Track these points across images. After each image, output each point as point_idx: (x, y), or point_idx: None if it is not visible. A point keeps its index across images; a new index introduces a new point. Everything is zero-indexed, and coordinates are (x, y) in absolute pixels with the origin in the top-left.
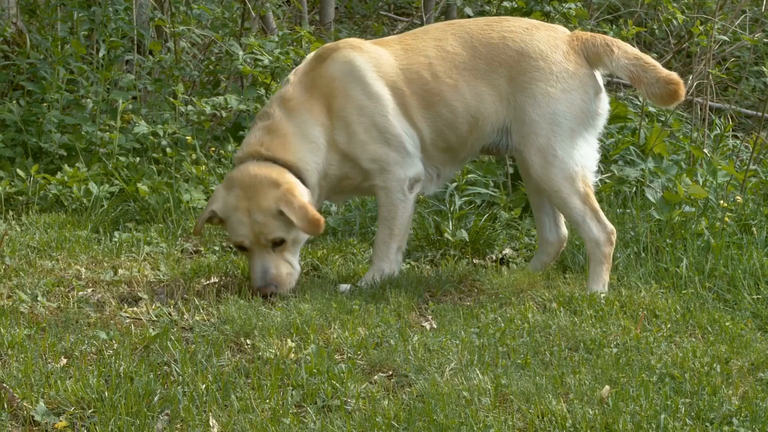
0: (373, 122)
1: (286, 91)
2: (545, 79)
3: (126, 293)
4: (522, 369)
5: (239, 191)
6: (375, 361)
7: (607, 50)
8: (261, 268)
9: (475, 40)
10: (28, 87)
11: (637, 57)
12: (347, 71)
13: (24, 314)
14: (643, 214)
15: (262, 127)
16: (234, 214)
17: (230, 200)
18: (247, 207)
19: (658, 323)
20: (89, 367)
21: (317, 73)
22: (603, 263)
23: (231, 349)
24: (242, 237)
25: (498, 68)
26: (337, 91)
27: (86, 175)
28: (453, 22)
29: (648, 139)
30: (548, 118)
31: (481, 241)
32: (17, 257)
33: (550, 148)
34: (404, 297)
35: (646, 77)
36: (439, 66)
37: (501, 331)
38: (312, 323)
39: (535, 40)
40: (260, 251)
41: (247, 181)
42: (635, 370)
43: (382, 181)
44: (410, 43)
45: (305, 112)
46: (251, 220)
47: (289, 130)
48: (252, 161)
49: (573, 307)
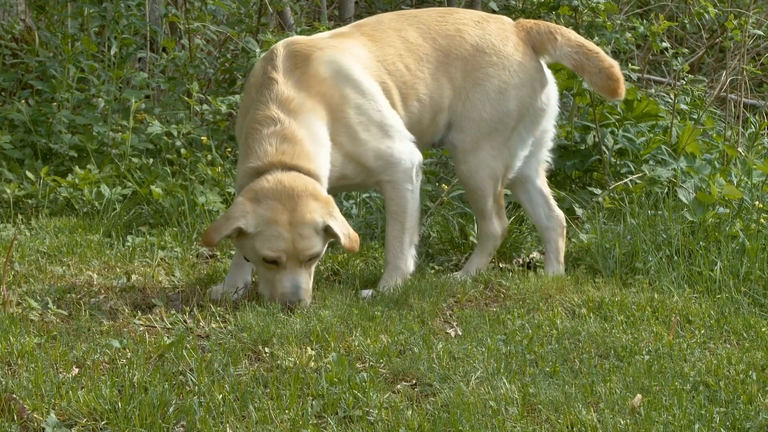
0: (371, 119)
1: (281, 92)
2: (498, 76)
3: (139, 300)
4: (550, 377)
5: (275, 204)
6: (398, 369)
7: (551, 38)
8: (293, 282)
9: (434, 32)
10: (38, 86)
11: (580, 44)
12: (336, 71)
13: (34, 322)
14: (676, 216)
15: (273, 134)
16: (270, 228)
17: (264, 213)
18: (289, 220)
19: (692, 329)
20: (102, 376)
21: (306, 73)
22: (489, 254)
23: (249, 357)
24: (279, 252)
25: (455, 62)
26: (332, 93)
27: (98, 178)
28: (404, 12)
29: (680, 138)
30: (497, 117)
31: (507, 244)
32: (27, 263)
33: (489, 148)
34: (428, 303)
35: (590, 65)
36: (409, 58)
37: (528, 338)
38: (333, 330)
39: (488, 33)
40: (292, 265)
41: (284, 193)
42: (668, 378)
43: (389, 175)
44: (373, 34)
45: (309, 113)
46: (294, 234)
47: (303, 135)
48: (278, 171)
49: (603, 313)
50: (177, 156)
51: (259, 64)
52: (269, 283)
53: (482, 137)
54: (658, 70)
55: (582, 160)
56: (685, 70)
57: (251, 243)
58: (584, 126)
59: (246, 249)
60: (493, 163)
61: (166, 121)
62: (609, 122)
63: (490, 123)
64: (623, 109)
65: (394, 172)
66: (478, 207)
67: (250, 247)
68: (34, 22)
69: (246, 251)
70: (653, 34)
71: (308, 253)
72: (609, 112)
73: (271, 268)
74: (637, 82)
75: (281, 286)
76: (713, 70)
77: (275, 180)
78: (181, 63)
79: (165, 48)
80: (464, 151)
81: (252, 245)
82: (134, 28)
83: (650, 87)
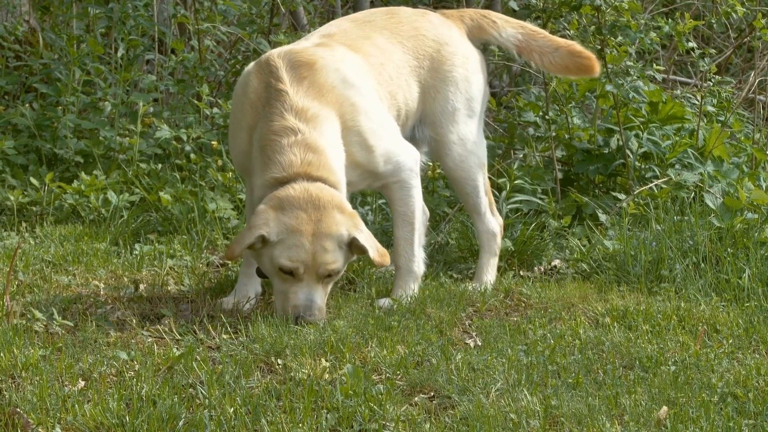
0: (380, 123)
1: (294, 102)
2: (461, 64)
3: (148, 310)
4: (573, 389)
5: (300, 213)
6: (415, 381)
7: (489, 22)
8: (307, 296)
9: (397, 35)
10: (42, 89)
11: (521, 25)
12: (342, 79)
13: (39, 333)
14: (702, 222)
15: (295, 143)
16: (292, 237)
17: (288, 222)
18: (313, 231)
19: (719, 339)
20: (109, 390)
21: (314, 82)
22: (496, 255)
23: (261, 369)
24: (298, 263)
25: (423, 61)
26: (342, 101)
27: (104, 184)
28: (355, 18)
29: (707, 141)
30: (466, 104)
31: (528, 251)
32: (31, 272)
33: (469, 134)
34: (446, 312)
35: (538, 45)
36: (389, 66)
37: (550, 348)
38: (348, 341)
39: (437, 26)
40: (310, 279)
41: (310, 203)
42: (695, 389)
43: (395, 176)
44: (351, 44)
45: (326, 122)
46: (316, 246)
47: (324, 144)
48: (303, 182)
49: (628, 322)
50: (186, 161)
51: (256, 79)
52: (282, 296)
53: (460, 127)
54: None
55: (605, 164)
56: (712, 71)
57: (270, 251)
58: (608, 129)
59: (263, 259)
60: (477, 150)
61: (175, 125)
62: (633, 125)
63: (464, 112)
64: (648, 112)
65: (400, 172)
66: (472, 201)
67: (268, 256)
68: (38, 23)
69: (263, 261)
70: (679, 34)
71: (328, 267)
72: (633, 114)
73: (287, 279)
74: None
75: (294, 297)
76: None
77: (302, 189)
78: (191, 65)
79: (174, 49)
80: (446, 144)
81: (270, 254)
82: (142, 29)
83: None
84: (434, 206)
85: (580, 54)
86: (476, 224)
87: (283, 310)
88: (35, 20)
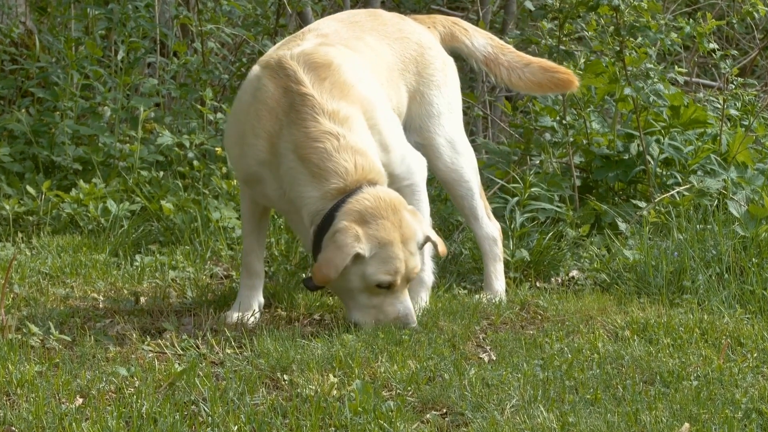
0: (396, 123)
1: (322, 105)
2: (442, 68)
3: (149, 324)
4: (591, 405)
5: (384, 222)
6: (427, 397)
7: (461, 30)
8: (404, 305)
9: (384, 37)
10: (39, 94)
11: (491, 37)
12: (360, 78)
13: (35, 349)
14: (726, 230)
15: (341, 148)
16: (385, 250)
17: (378, 234)
18: (401, 238)
19: (744, 352)
20: (108, 407)
21: (336, 83)
22: (500, 260)
23: (266, 385)
24: (396, 274)
25: (409, 65)
26: (362, 99)
27: (104, 192)
28: (339, 18)
29: (730, 147)
30: (449, 107)
31: (544, 262)
32: (27, 285)
33: (456, 136)
34: (459, 325)
35: (507, 60)
36: (383, 68)
37: (568, 362)
38: (357, 356)
39: (416, 29)
40: (402, 287)
41: (388, 210)
42: (718, 405)
43: (408, 179)
44: (346, 44)
45: (357, 122)
46: (406, 253)
47: (366, 145)
48: (368, 187)
49: (648, 336)
50: (189, 169)
51: (270, 83)
52: (374, 310)
53: (446, 129)
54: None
55: (625, 170)
56: (734, 73)
57: (362, 269)
58: (627, 134)
59: (351, 277)
60: (466, 152)
61: (178, 131)
62: (654, 130)
63: (448, 115)
64: (669, 116)
65: (413, 175)
66: (468, 204)
67: (359, 274)
68: (35, 25)
69: (350, 279)
70: (700, 35)
71: (415, 271)
72: (654, 118)
73: (380, 293)
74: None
75: (393, 310)
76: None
77: (374, 197)
78: (194, 68)
79: (176, 52)
80: (435, 148)
81: (363, 271)
82: (143, 30)
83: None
84: (447, 215)
85: (555, 69)
86: (475, 230)
87: (379, 323)
88: (32, 22)
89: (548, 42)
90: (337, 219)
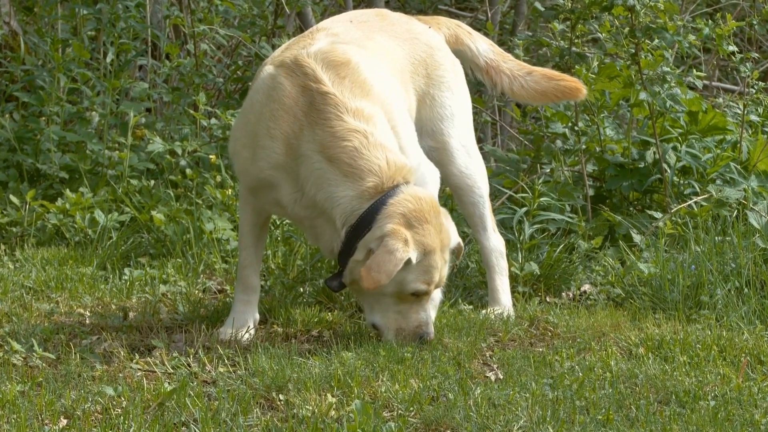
0: (412, 128)
1: (345, 103)
2: (452, 70)
3: (137, 341)
4: (603, 426)
5: (428, 227)
6: (430, 418)
7: (465, 33)
8: (428, 315)
9: (394, 38)
10: (23, 98)
11: (492, 44)
12: (378, 77)
13: (17, 367)
14: (746, 243)
15: (370, 145)
16: (428, 258)
17: (423, 240)
18: (440, 245)
19: (764, 371)
20: (93, 429)
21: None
22: (506, 274)
23: (261, 405)
24: (431, 284)
25: (419, 67)
26: (382, 98)
27: (91, 202)
28: (348, 18)
29: (751, 154)
30: (461, 110)
31: (555, 275)
32: (9, 300)
33: (468, 141)
34: (465, 342)
35: (509, 67)
36: (396, 67)
37: (579, 382)
38: (356, 375)
39: (424, 30)
40: (429, 297)
41: (431, 213)
42: (736, 426)
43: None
44: (358, 44)
45: (381, 119)
46: (442, 260)
47: (392, 144)
48: (404, 186)
49: (663, 353)
50: (182, 177)
51: (287, 82)
52: (398, 315)
53: (460, 132)
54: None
55: (640, 179)
56: (755, 77)
57: (402, 275)
58: (643, 141)
59: None
60: (478, 157)
61: (170, 138)
62: (671, 137)
63: (460, 118)
64: (687, 122)
65: (426, 186)
66: (478, 213)
67: (398, 280)
68: (20, 26)
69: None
70: (719, 37)
71: (444, 280)
72: (671, 125)
73: (408, 300)
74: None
75: (417, 318)
76: None
77: (414, 198)
78: (187, 71)
79: (168, 54)
80: (449, 151)
81: (402, 278)
82: (133, 31)
83: (719, 96)
84: None
85: (560, 77)
86: (482, 242)
87: (399, 330)
88: (17, 22)
89: (559, 44)
90: (380, 221)
